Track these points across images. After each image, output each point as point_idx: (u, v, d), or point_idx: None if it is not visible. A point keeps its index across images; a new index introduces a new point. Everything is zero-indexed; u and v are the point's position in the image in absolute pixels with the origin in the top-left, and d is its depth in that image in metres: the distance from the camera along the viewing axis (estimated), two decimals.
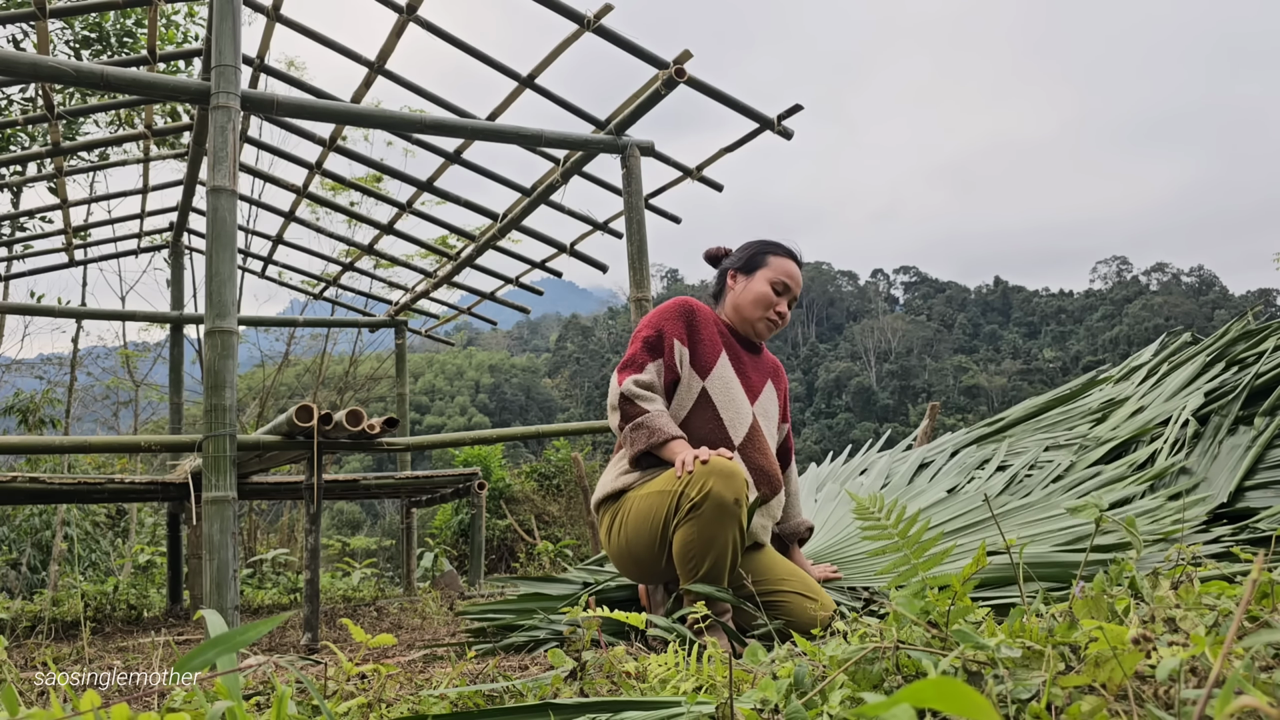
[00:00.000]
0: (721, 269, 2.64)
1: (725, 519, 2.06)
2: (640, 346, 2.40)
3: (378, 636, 1.45)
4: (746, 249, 2.61)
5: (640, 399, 2.34)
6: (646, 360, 2.38)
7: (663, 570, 2.29)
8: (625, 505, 2.31)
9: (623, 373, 2.39)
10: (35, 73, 3.61)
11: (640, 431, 2.29)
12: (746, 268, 2.56)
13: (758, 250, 2.58)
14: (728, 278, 2.58)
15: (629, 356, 2.42)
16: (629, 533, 2.27)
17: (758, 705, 1.10)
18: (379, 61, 4.81)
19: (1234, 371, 3.47)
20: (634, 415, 2.31)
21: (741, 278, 2.56)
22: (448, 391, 63.92)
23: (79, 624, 4.74)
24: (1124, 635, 0.91)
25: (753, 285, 2.53)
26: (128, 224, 7.68)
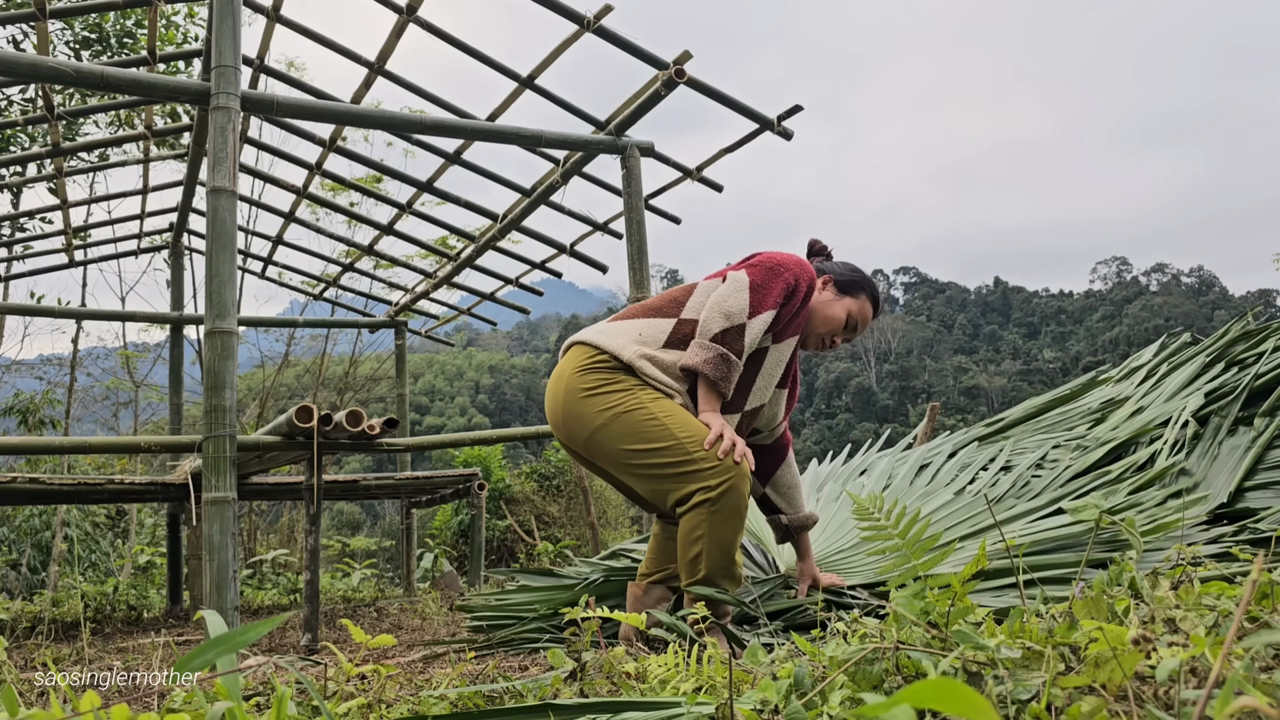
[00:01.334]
0: (822, 270, 2.56)
1: (736, 522, 2.09)
2: (780, 293, 2.26)
3: (377, 637, 1.45)
4: (853, 272, 2.56)
5: (748, 348, 2.22)
6: (775, 308, 2.25)
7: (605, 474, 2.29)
8: (639, 392, 2.19)
9: (760, 303, 2.23)
10: (35, 73, 3.61)
11: (724, 366, 2.18)
12: (842, 287, 2.51)
13: (861, 282, 2.54)
14: (821, 281, 2.52)
15: (768, 289, 2.24)
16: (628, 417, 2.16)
17: (757, 706, 1.10)
18: (379, 62, 4.81)
19: (1234, 372, 3.47)
20: (733, 349, 2.19)
21: (832, 290, 2.51)
22: (448, 392, 63.91)
23: (79, 624, 4.74)
24: (1124, 636, 0.91)
25: (835, 306, 2.48)
26: (127, 224, 7.68)
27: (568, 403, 2.24)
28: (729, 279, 2.27)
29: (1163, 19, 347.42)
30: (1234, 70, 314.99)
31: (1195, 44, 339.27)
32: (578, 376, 2.24)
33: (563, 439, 2.32)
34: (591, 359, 2.25)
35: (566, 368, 2.28)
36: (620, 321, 2.34)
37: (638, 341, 2.26)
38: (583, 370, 2.24)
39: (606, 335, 2.28)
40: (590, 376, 2.22)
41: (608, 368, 2.23)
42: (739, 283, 2.24)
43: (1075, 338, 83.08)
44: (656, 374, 2.22)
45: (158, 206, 7.45)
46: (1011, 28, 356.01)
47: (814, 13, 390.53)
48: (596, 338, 2.29)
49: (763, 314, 2.22)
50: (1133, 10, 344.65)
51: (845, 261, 2.61)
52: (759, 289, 2.23)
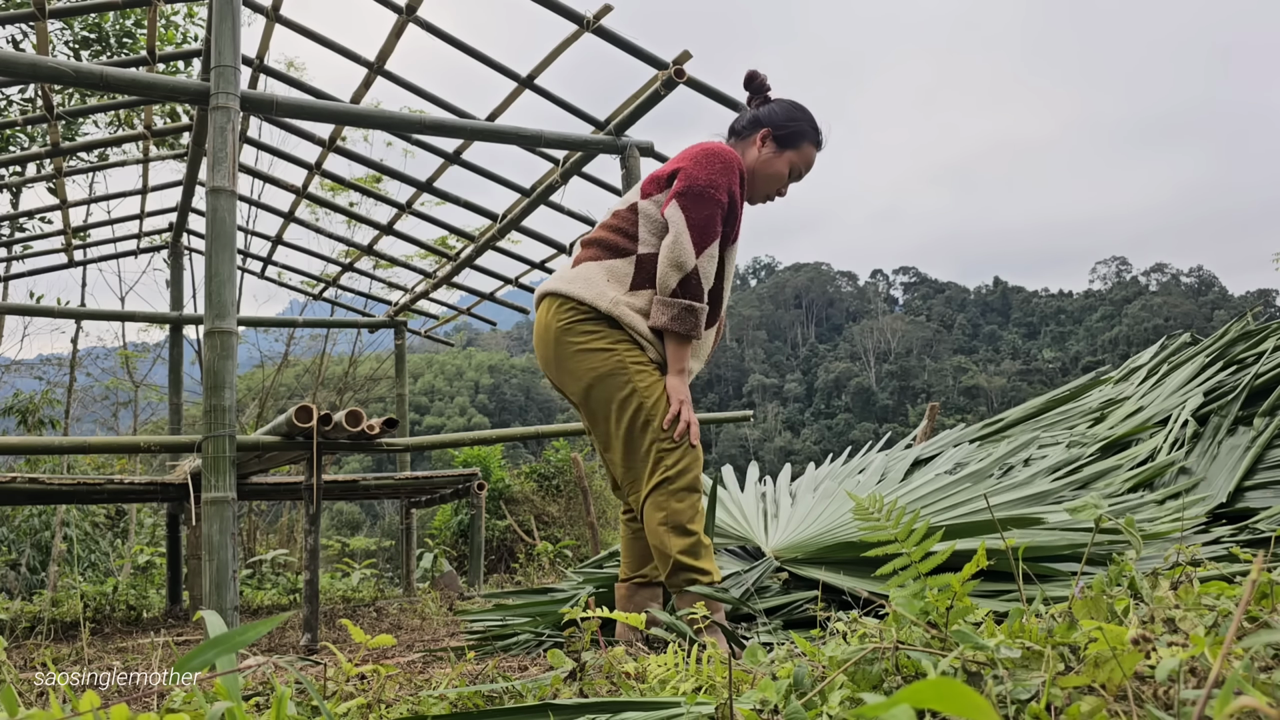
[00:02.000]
0: (757, 119, 2.43)
1: (694, 498, 2.20)
2: (718, 215, 2.22)
3: (377, 637, 1.45)
4: (792, 118, 2.43)
5: (706, 283, 2.21)
6: (718, 235, 2.22)
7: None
8: (625, 354, 2.21)
9: (702, 239, 2.19)
10: (35, 73, 3.61)
11: (691, 317, 2.19)
12: (781, 140, 2.41)
13: (803, 129, 2.43)
14: (759, 135, 2.42)
15: (707, 222, 2.20)
16: (612, 381, 2.20)
17: (757, 706, 1.10)
18: (378, 62, 4.81)
19: (1233, 372, 3.47)
20: (694, 295, 2.19)
21: (772, 145, 2.41)
22: (447, 392, 63.92)
23: (78, 624, 4.74)
24: (1123, 636, 0.91)
25: (778, 162, 2.41)
26: (127, 224, 7.68)
27: (560, 356, 2.27)
28: (670, 223, 2.22)
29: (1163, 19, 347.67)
30: (1234, 70, 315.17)
31: (1195, 44, 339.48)
32: (563, 330, 2.26)
33: (558, 388, 2.37)
34: (573, 312, 2.26)
35: (551, 322, 2.28)
36: (585, 265, 2.30)
37: (610, 286, 2.25)
38: (566, 325, 2.25)
39: (580, 284, 2.27)
40: (576, 331, 2.25)
41: (590, 319, 2.24)
42: (678, 227, 2.20)
43: (1075, 338, 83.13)
44: (635, 321, 2.23)
45: (157, 206, 7.45)
46: (1012, 28, 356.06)
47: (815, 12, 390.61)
48: (571, 288, 2.27)
49: (709, 248, 2.21)
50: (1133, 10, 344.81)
51: (783, 101, 2.48)
52: (698, 226, 2.19)
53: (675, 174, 2.28)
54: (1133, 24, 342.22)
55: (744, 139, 2.46)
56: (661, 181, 2.31)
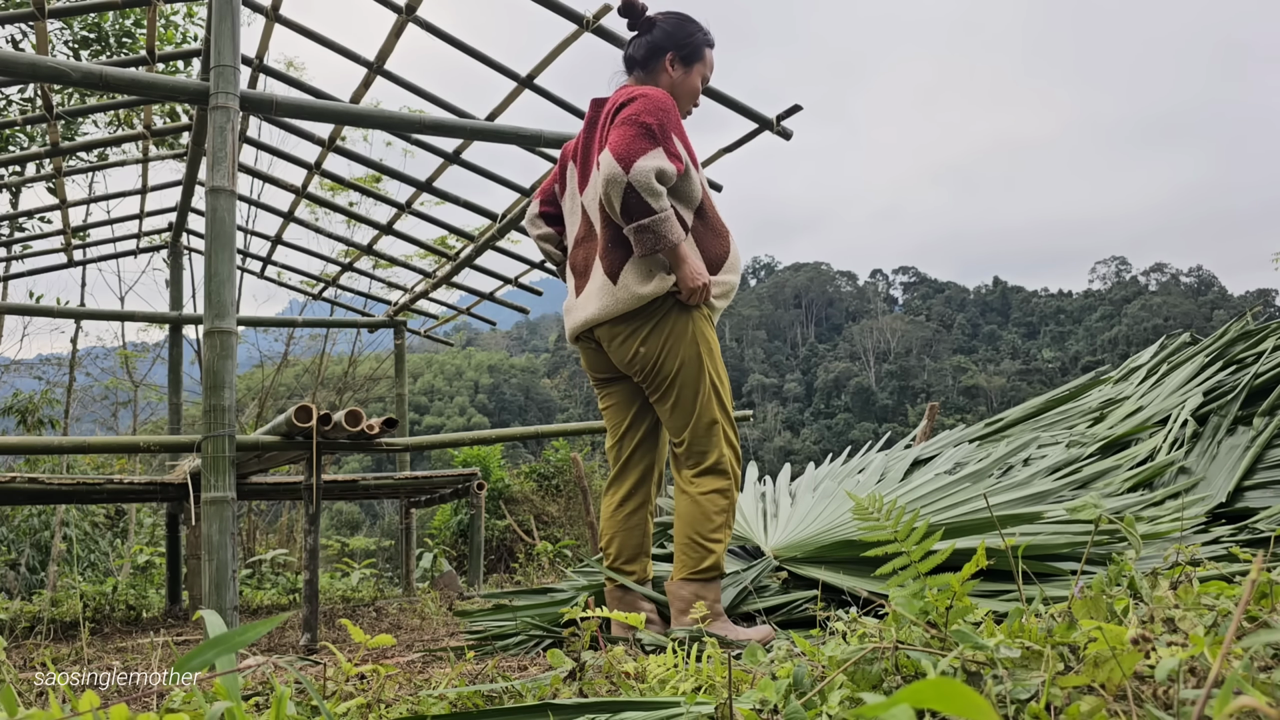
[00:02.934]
0: (655, 45, 2.42)
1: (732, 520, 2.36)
2: (636, 133, 2.14)
3: (377, 637, 1.45)
4: (684, 32, 2.44)
5: (650, 194, 2.12)
6: (645, 148, 2.13)
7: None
8: (681, 316, 2.27)
9: (628, 152, 2.11)
10: (34, 73, 3.61)
11: (649, 235, 2.13)
12: (687, 59, 2.44)
13: (698, 41, 2.45)
14: (666, 61, 2.42)
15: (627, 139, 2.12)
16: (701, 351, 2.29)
17: (757, 705, 1.10)
18: (378, 62, 4.81)
19: (1232, 372, 3.47)
20: (641, 213, 2.13)
21: (680, 67, 2.44)
22: (447, 392, 63.91)
23: (78, 624, 4.73)
24: (1123, 635, 0.91)
25: (690, 79, 2.45)
26: (127, 224, 7.68)
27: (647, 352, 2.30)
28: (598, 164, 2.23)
29: (1163, 19, 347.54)
30: (1234, 71, 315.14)
31: (1195, 44, 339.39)
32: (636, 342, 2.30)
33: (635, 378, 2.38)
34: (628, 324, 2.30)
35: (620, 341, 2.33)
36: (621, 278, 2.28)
37: (642, 282, 2.25)
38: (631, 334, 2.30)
39: (626, 300, 2.27)
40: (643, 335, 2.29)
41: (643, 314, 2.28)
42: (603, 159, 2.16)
43: (1074, 337, 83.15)
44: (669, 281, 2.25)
45: (157, 206, 7.43)
46: (1013, 28, 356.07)
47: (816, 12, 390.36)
48: (620, 307, 2.28)
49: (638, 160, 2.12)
50: (1133, 10, 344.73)
51: (669, 17, 2.48)
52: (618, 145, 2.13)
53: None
54: (1133, 24, 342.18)
55: (650, 69, 2.45)
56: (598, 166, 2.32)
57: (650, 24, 2.46)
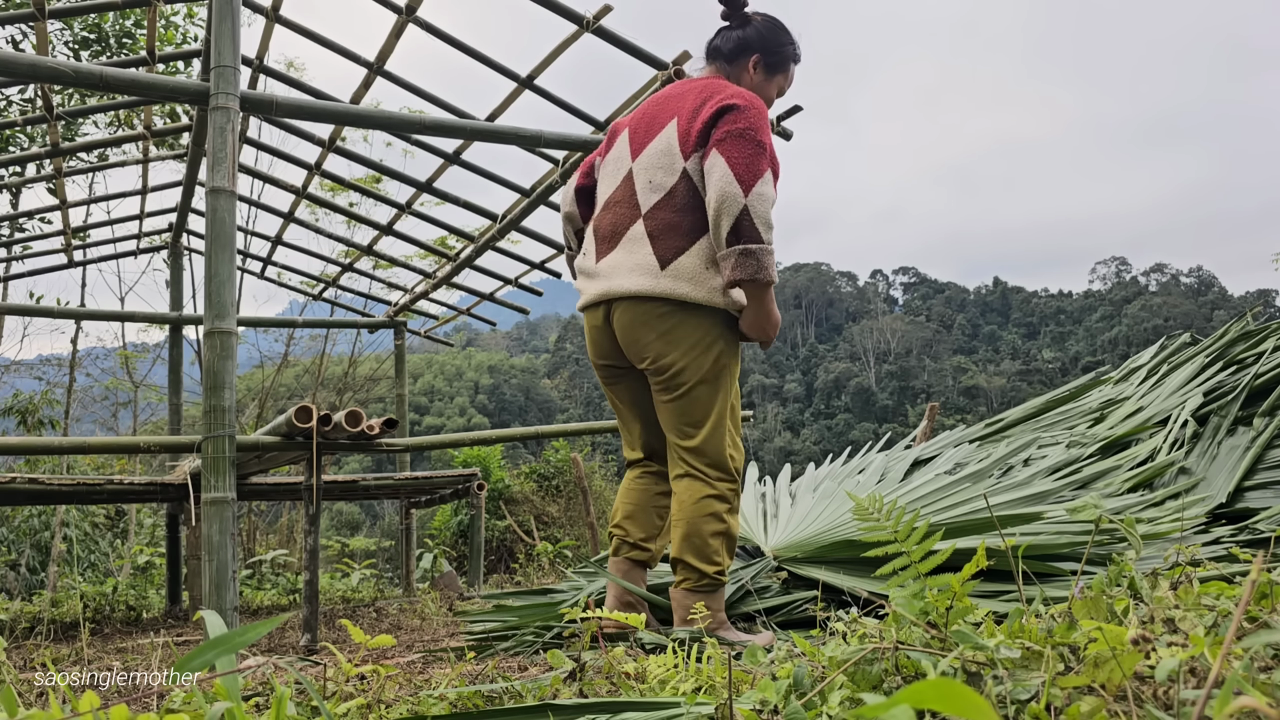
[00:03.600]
0: (746, 42, 2.35)
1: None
2: (761, 155, 2.09)
3: (377, 637, 1.45)
4: (777, 40, 2.38)
5: (763, 224, 2.08)
6: (765, 170, 2.10)
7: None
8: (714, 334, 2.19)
9: (749, 174, 2.06)
10: (34, 73, 3.61)
11: (751, 260, 2.06)
12: (770, 66, 2.37)
13: (788, 53, 2.39)
14: (750, 61, 2.36)
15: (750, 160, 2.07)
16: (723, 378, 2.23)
17: (757, 706, 1.10)
18: (378, 62, 4.81)
19: (1233, 372, 3.47)
20: (750, 238, 2.06)
21: (762, 71, 2.37)
22: (447, 392, 63.92)
23: (78, 625, 4.73)
24: (1123, 636, 0.91)
25: (769, 88, 2.39)
26: (127, 225, 7.68)
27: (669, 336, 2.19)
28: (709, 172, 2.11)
29: (1165, 20, 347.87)
30: (1234, 71, 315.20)
31: (1197, 45, 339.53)
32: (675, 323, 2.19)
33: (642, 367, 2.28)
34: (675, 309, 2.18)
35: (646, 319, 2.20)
36: (679, 262, 2.18)
37: (712, 272, 2.17)
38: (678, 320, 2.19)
39: (685, 283, 2.17)
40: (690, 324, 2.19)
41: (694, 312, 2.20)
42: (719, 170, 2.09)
43: (1074, 338, 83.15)
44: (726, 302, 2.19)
45: (157, 207, 7.46)
46: (1014, 28, 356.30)
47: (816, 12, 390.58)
48: (676, 288, 2.16)
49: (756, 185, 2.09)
50: (1135, 11, 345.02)
51: (766, 20, 2.41)
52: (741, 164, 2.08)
53: (709, 126, 2.15)
54: (1134, 25, 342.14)
55: (734, 64, 2.37)
56: (694, 138, 2.18)
57: (746, 20, 2.38)
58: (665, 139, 2.22)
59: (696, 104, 2.19)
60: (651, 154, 2.24)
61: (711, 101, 2.16)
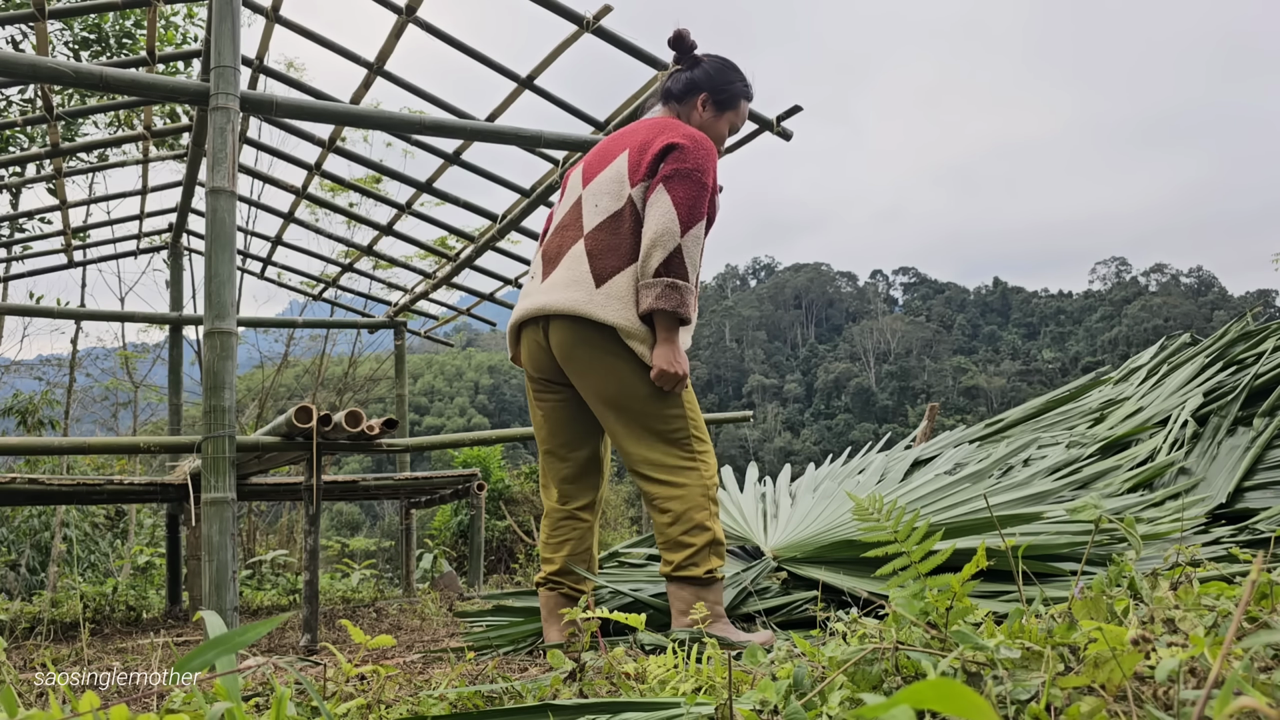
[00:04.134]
0: (694, 83, 2.43)
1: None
2: (704, 198, 2.19)
3: (377, 637, 1.45)
4: (724, 79, 2.45)
5: (693, 268, 2.17)
6: (704, 214, 2.20)
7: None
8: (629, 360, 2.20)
9: (690, 217, 2.15)
10: (34, 74, 3.61)
11: (675, 294, 2.14)
12: (720, 104, 2.45)
13: (736, 90, 2.46)
14: (699, 100, 2.44)
15: (694, 202, 2.16)
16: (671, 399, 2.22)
17: (757, 706, 1.10)
18: (378, 62, 4.81)
19: (1233, 372, 3.47)
20: (678, 274, 2.14)
21: (711, 109, 2.44)
22: (447, 392, 63.92)
23: (78, 625, 4.73)
24: (1123, 636, 0.91)
25: (719, 125, 2.46)
26: (127, 225, 7.68)
27: (612, 363, 2.19)
28: (652, 204, 2.18)
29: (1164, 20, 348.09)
30: (1234, 72, 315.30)
31: (1196, 46, 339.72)
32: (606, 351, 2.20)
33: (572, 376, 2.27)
34: (619, 346, 2.19)
35: (603, 342, 2.20)
36: (614, 281, 2.21)
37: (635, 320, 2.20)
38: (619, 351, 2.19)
39: (616, 308, 2.18)
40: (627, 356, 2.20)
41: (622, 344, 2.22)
42: (663, 205, 2.16)
43: (1074, 338, 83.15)
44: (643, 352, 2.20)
45: (157, 207, 7.48)
46: (1014, 29, 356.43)
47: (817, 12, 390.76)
48: (606, 314, 2.18)
49: (694, 228, 2.17)
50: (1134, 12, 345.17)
51: (712, 60, 2.49)
52: (685, 205, 2.16)
53: (658, 160, 2.23)
54: (1134, 25, 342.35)
55: (684, 104, 2.45)
56: (643, 169, 2.25)
57: (695, 61, 2.48)
58: (616, 167, 2.31)
59: (648, 138, 2.29)
60: (601, 181, 2.32)
61: (662, 137, 2.26)
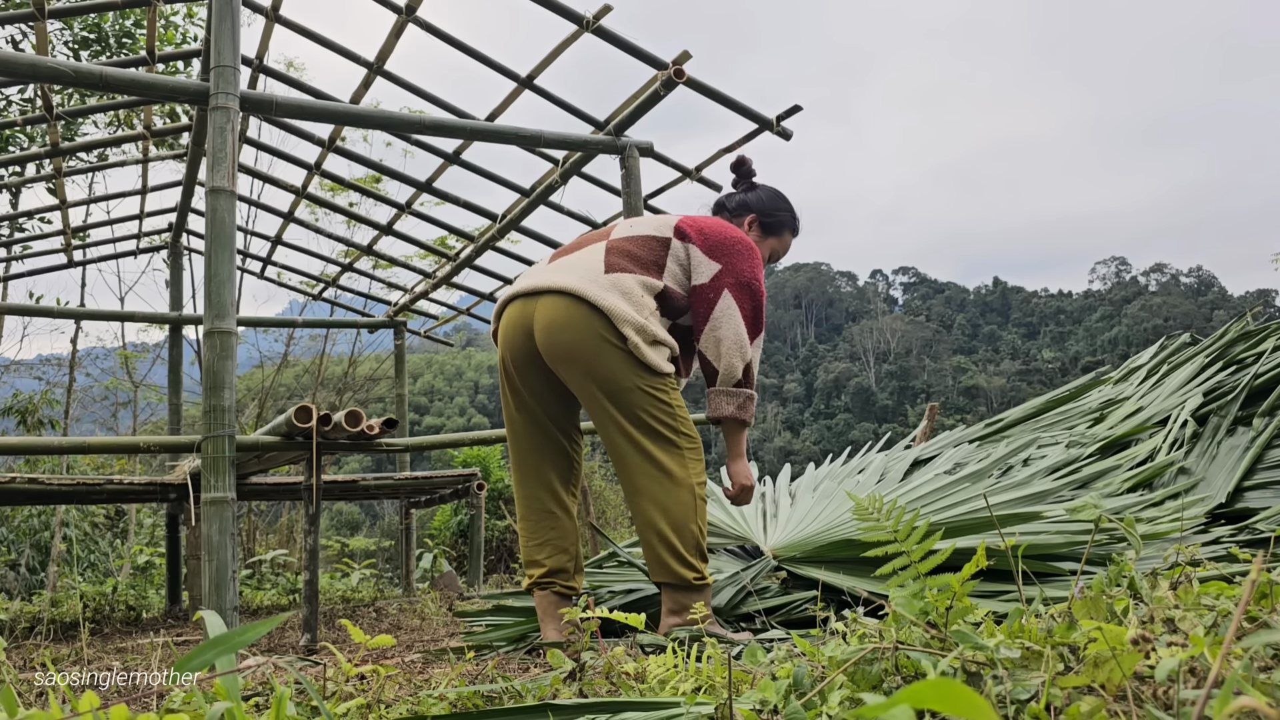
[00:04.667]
0: (746, 204, 2.58)
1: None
2: (762, 308, 2.33)
3: (377, 637, 1.45)
4: (775, 206, 2.58)
5: (756, 373, 2.37)
6: (763, 325, 2.37)
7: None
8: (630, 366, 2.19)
9: (754, 330, 2.31)
10: (34, 73, 3.61)
11: (751, 406, 2.34)
12: (766, 228, 2.58)
13: (785, 219, 2.60)
14: (747, 220, 2.56)
15: (756, 314, 2.31)
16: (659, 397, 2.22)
17: (757, 706, 1.10)
18: (378, 62, 4.81)
19: (1232, 372, 3.47)
20: (751, 385, 2.34)
21: (758, 230, 2.57)
22: (447, 392, 63.90)
23: (78, 625, 4.73)
24: (1123, 636, 0.91)
25: (761, 247, 2.57)
26: (127, 225, 7.68)
27: (599, 347, 2.16)
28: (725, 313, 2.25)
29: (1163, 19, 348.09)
30: (1233, 71, 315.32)
31: (1195, 45, 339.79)
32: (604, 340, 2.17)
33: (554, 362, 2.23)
34: (610, 332, 2.16)
35: (597, 325, 2.16)
36: (620, 276, 2.23)
37: (643, 306, 2.20)
38: (610, 338, 2.17)
39: (616, 298, 2.18)
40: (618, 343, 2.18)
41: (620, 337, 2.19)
42: (735, 319, 2.27)
43: (1074, 338, 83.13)
44: (659, 363, 2.19)
45: (157, 207, 7.43)
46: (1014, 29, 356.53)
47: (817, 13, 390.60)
48: (618, 306, 2.17)
49: (758, 338, 2.35)
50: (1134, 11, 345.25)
51: (768, 189, 2.62)
52: (750, 318, 2.31)
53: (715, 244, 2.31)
54: (1133, 25, 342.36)
55: (734, 219, 2.60)
56: (690, 236, 2.31)
57: (751, 186, 2.63)
58: (661, 218, 2.41)
59: (705, 221, 2.39)
60: (642, 220, 2.42)
61: (724, 227, 2.37)
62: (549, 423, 2.38)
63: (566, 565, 2.37)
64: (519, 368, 2.32)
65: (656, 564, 2.17)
